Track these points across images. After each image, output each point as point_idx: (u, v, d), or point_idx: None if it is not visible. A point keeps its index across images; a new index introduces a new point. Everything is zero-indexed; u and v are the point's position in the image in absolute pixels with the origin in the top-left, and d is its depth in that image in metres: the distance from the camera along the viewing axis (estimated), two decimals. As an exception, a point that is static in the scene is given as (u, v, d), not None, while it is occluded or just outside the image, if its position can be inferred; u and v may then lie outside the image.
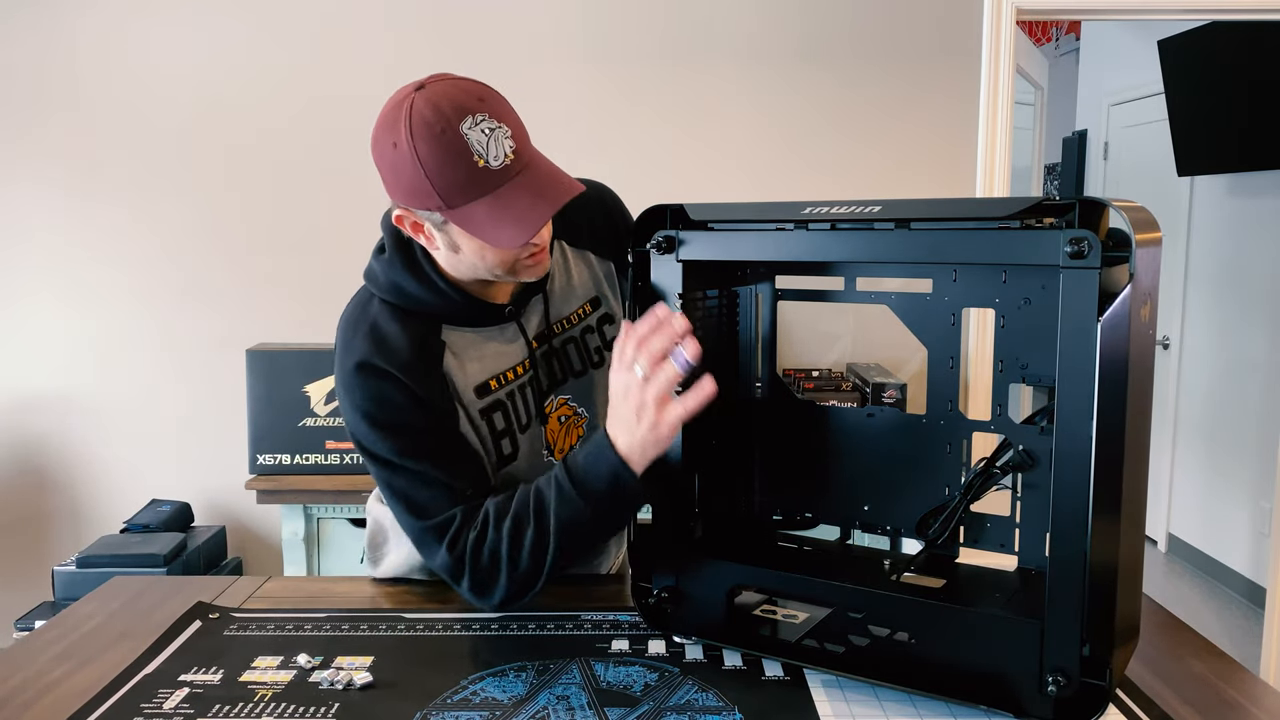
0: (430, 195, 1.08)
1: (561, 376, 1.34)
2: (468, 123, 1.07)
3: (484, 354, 1.26)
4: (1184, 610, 3.80)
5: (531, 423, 1.31)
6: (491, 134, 1.08)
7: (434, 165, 1.07)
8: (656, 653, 1.16)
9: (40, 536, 3.05)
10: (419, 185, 1.08)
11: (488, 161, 1.07)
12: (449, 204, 1.09)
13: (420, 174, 1.07)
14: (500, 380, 1.27)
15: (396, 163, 1.09)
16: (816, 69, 2.95)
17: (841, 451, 1.24)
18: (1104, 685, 0.94)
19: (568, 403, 1.35)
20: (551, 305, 1.33)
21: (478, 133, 1.07)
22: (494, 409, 1.26)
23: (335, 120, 2.93)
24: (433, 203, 1.09)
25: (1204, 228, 4.35)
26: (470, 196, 1.08)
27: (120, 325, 2.99)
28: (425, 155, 1.06)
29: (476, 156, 1.07)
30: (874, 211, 1.03)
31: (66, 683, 1.10)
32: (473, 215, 1.09)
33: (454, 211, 1.09)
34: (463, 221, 1.10)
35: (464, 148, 1.06)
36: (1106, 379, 0.91)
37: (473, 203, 1.08)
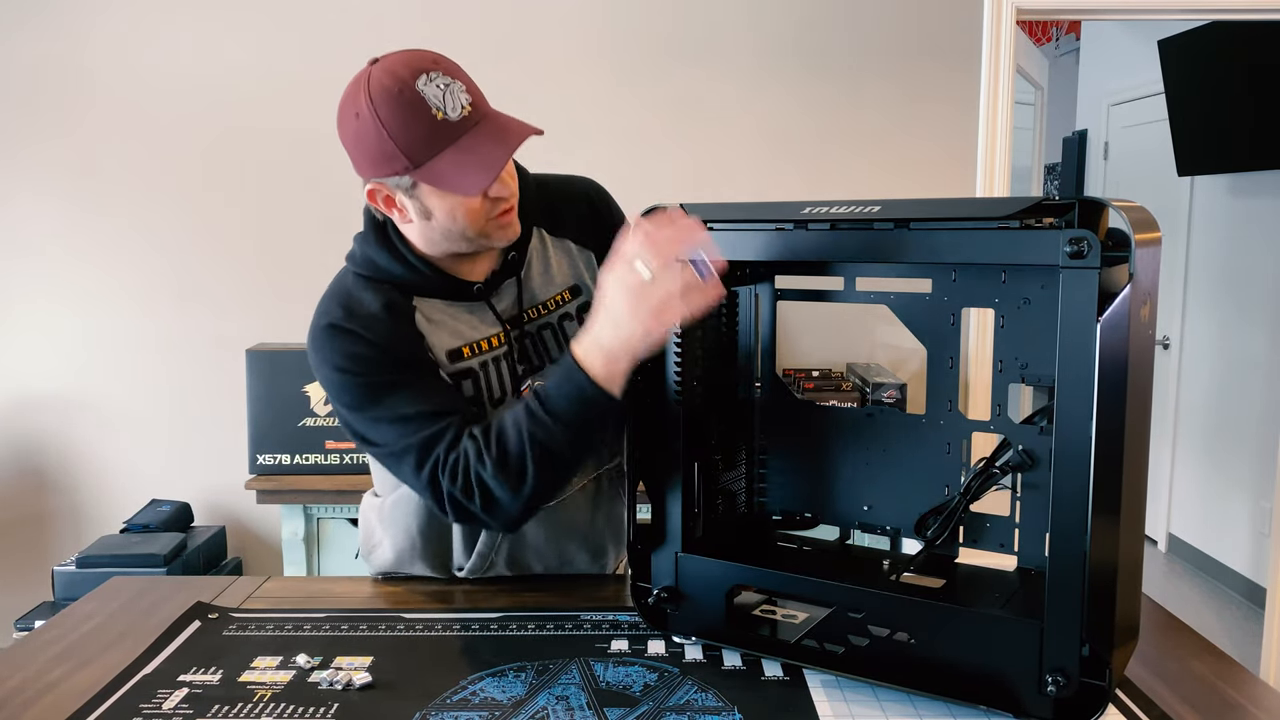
0: (396, 157, 1.13)
1: (539, 362, 1.35)
2: (422, 80, 1.12)
3: (457, 323, 1.28)
4: (1184, 610, 3.80)
5: (506, 399, 1.30)
6: (447, 88, 1.13)
7: (396, 125, 1.11)
8: (656, 653, 1.16)
9: (40, 536, 3.05)
10: (384, 149, 1.13)
11: (446, 114, 1.12)
12: (415, 162, 1.13)
13: (384, 136, 1.12)
14: (474, 349, 1.28)
15: (360, 132, 1.15)
16: (816, 69, 2.95)
17: (841, 451, 1.24)
18: (1104, 685, 0.94)
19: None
20: (525, 289, 1.34)
21: (433, 88, 1.12)
22: (465, 375, 1.28)
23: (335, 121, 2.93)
24: (399, 165, 1.14)
25: (1204, 228, 4.35)
26: (434, 150, 1.12)
27: (120, 325, 2.99)
28: (387, 117, 1.12)
29: (435, 110, 1.12)
30: (874, 211, 1.03)
31: (66, 683, 1.10)
32: (438, 169, 1.13)
33: (420, 170, 1.13)
34: (430, 178, 1.14)
35: (422, 103, 1.11)
36: (1106, 379, 0.91)
37: (437, 156, 1.13)
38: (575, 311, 1.38)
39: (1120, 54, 4.95)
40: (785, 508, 1.30)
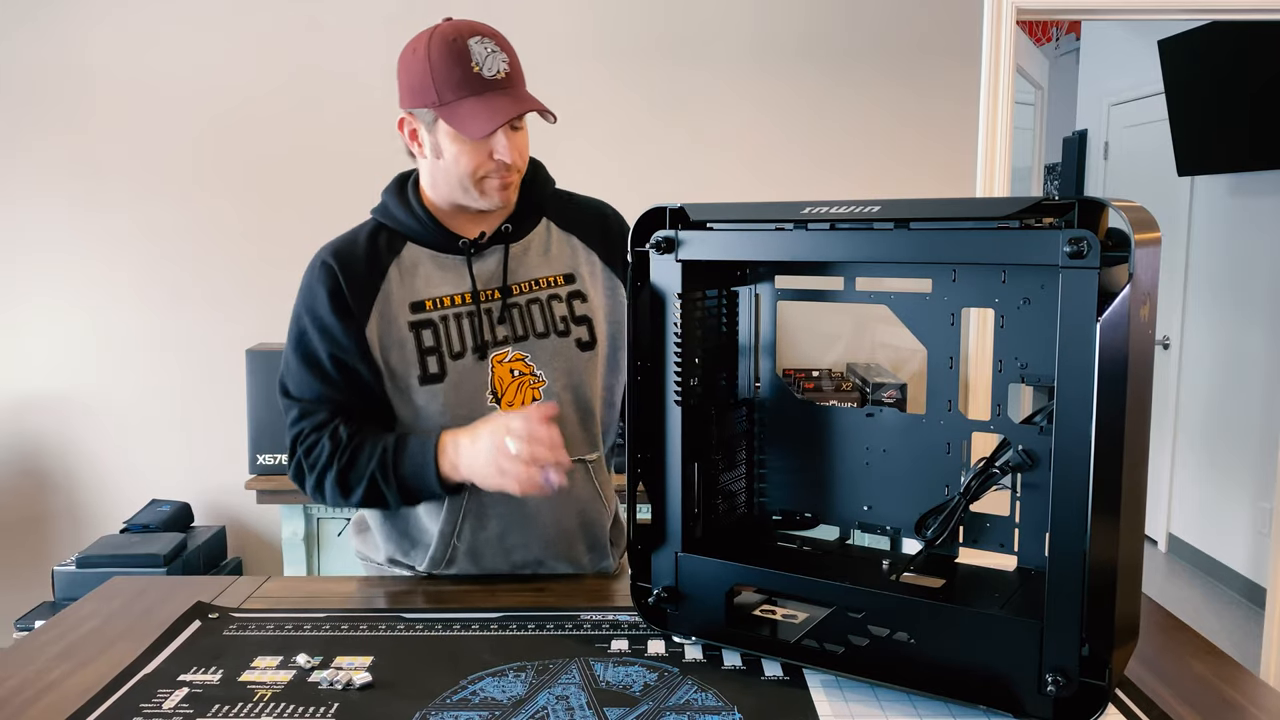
0: (428, 90, 1.31)
1: (522, 333, 1.42)
2: (475, 40, 1.31)
3: (431, 277, 1.41)
4: (1184, 610, 3.80)
5: (467, 354, 1.39)
6: (492, 53, 1.31)
7: (439, 63, 1.30)
8: (656, 653, 1.16)
9: (40, 536, 3.05)
10: (422, 81, 1.31)
11: (481, 70, 1.30)
12: (441, 99, 1.31)
13: (426, 71, 1.31)
14: (436, 303, 1.40)
15: (410, 64, 1.34)
16: (816, 69, 2.95)
17: (841, 451, 1.24)
18: (1103, 685, 0.94)
19: (525, 360, 1.42)
20: (512, 261, 1.44)
21: (481, 48, 1.31)
22: (424, 325, 1.39)
23: (336, 121, 2.93)
24: (430, 98, 1.31)
25: (1204, 228, 4.35)
26: (459, 94, 1.30)
27: (121, 325, 2.99)
28: (435, 56, 1.30)
29: (474, 64, 1.30)
30: (873, 211, 1.04)
31: (66, 683, 1.10)
32: (457, 110, 1.30)
33: (443, 108, 1.31)
34: (448, 116, 1.31)
35: (466, 54, 1.30)
36: (1106, 379, 0.91)
37: (460, 101, 1.30)
38: (565, 296, 1.46)
39: (1120, 54, 4.95)
40: (785, 508, 1.30)
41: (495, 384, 1.40)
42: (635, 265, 1.19)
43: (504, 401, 1.40)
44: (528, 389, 1.41)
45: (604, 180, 1.60)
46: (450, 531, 1.41)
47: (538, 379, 1.42)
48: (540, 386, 1.42)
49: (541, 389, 1.41)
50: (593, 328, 1.44)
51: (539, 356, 1.42)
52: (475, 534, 1.41)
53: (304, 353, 1.39)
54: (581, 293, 1.46)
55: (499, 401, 1.40)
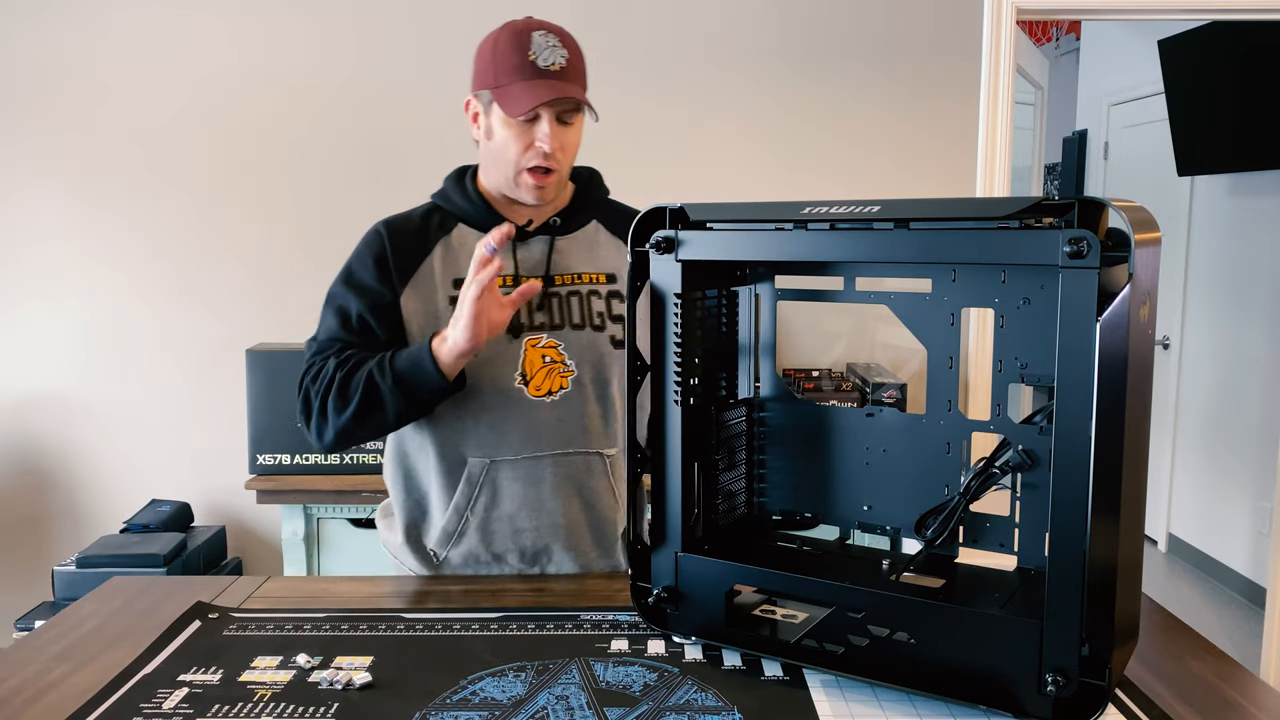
0: (489, 73, 1.41)
1: (558, 322, 1.47)
2: (539, 34, 1.40)
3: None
4: (1184, 610, 3.80)
5: (502, 333, 1.42)
6: (551, 47, 1.39)
7: (501, 49, 1.40)
8: (656, 653, 1.16)
9: (40, 536, 3.05)
10: (486, 65, 1.41)
11: (537, 59, 1.38)
12: (497, 82, 1.40)
13: (491, 55, 1.41)
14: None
15: (481, 51, 1.44)
16: (817, 69, 2.95)
17: (841, 451, 1.24)
18: (1103, 685, 0.94)
19: (558, 349, 1.46)
20: (556, 253, 1.49)
21: (542, 40, 1.39)
22: None
23: (337, 121, 2.93)
24: (489, 80, 1.41)
25: (1204, 228, 4.35)
26: (512, 79, 1.38)
27: (120, 325, 2.99)
28: (501, 43, 1.40)
29: (531, 53, 1.38)
30: (873, 211, 1.04)
31: (66, 683, 1.10)
32: (508, 91, 1.38)
33: (498, 90, 1.39)
34: (500, 96, 1.39)
35: (526, 44, 1.39)
36: (1106, 379, 0.91)
37: (513, 84, 1.38)
38: (605, 294, 1.51)
39: (1120, 54, 4.95)
40: (785, 508, 1.30)
41: (525, 366, 1.45)
42: (635, 265, 1.19)
43: (531, 385, 1.45)
44: (556, 375, 1.46)
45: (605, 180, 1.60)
46: (464, 505, 1.45)
47: (567, 368, 1.46)
48: (570, 376, 1.46)
49: (570, 378, 1.46)
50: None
51: (571, 347, 1.46)
52: (488, 511, 1.46)
53: (337, 305, 1.46)
54: (621, 293, 1.51)
55: (527, 383, 1.44)
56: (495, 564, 1.49)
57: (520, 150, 1.41)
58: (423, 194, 1.58)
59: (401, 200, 1.53)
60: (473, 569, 1.49)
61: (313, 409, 1.40)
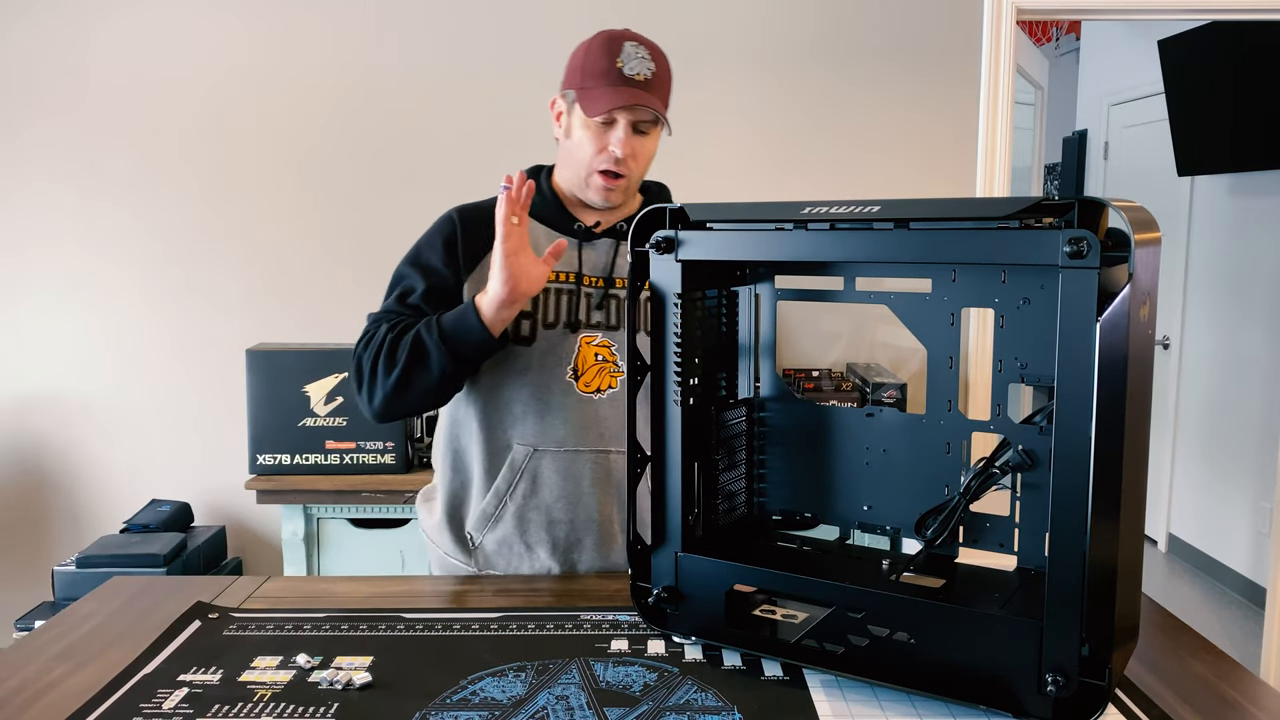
0: (576, 72, 1.47)
1: (614, 323, 1.52)
2: (630, 44, 1.46)
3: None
4: (1184, 610, 3.80)
5: (559, 326, 1.49)
6: (640, 59, 1.45)
7: (591, 53, 1.46)
8: (656, 653, 1.16)
9: (40, 536, 3.05)
10: (575, 66, 1.48)
11: (624, 68, 1.44)
12: (583, 84, 1.45)
13: (581, 57, 1.47)
14: None
15: (575, 52, 1.50)
16: (816, 69, 2.95)
17: (841, 451, 1.24)
18: (1103, 685, 0.94)
19: (610, 349, 1.50)
20: (620, 254, 1.53)
21: (632, 50, 1.45)
22: None
23: (338, 121, 2.93)
24: (575, 80, 1.47)
25: (1204, 228, 4.35)
26: (598, 82, 1.44)
27: (120, 325, 2.99)
28: (592, 46, 1.47)
29: (619, 61, 1.44)
30: (873, 211, 1.04)
31: (66, 683, 1.10)
32: (591, 93, 1.44)
33: (581, 90, 1.45)
34: (582, 97, 1.45)
35: (616, 52, 1.45)
36: (1106, 379, 0.91)
37: (597, 88, 1.44)
38: None
39: (1120, 54, 4.95)
40: (785, 508, 1.30)
41: (578, 361, 1.49)
42: (635, 265, 1.19)
43: (581, 381, 1.49)
44: (606, 374, 1.49)
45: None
46: (505, 489, 1.49)
47: (618, 368, 1.50)
48: (619, 376, 1.49)
49: (620, 379, 1.49)
50: None
51: (625, 348, 1.47)
52: (526, 499, 1.49)
53: (401, 283, 1.50)
54: None
55: (577, 378, 1.48)
56: (527, 554, 1.51)
57: (594, 151, 1.46)
58: (423, 195, 1.58)
59: (401, 200, 1.53)
60: (505, 557, 1.51)
61: (364, 373, 1.43)
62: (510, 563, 1.51)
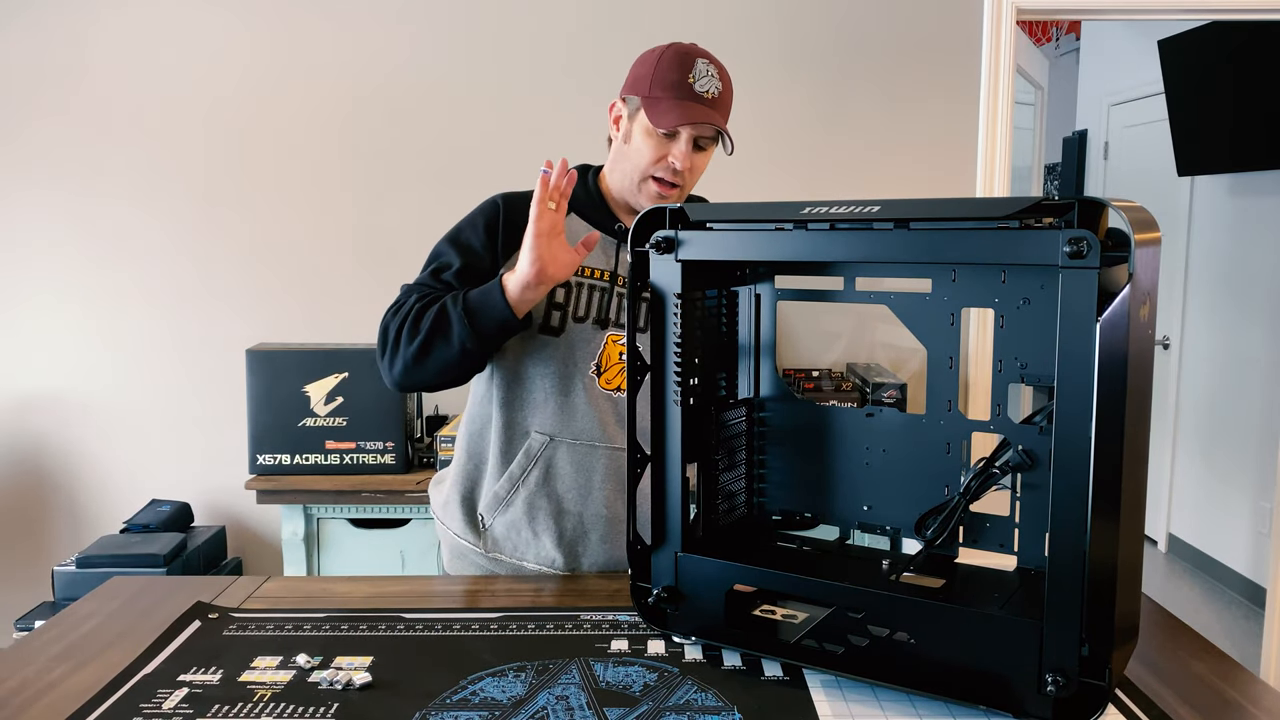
0: (645, 82, 1.49)
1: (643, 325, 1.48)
2: (703, 61, 1.48)
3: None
4: (1184, 610, 3.80)
5: (588, 321, 1.51)
6: (710, 77, 1.48)
7: (665, 64, 1.48)
8: (656, 653, 1.16)
9: (40, 536, 3.06)
10: (645, 74, 1.49)
11: (695, 83, 1.46)
12: (651, 93, 1.47)
13: (653, 67, 1.49)
14: (579, 272, 1.52)
15: (645, 60, 1.51)
16: (816, 69, 2.95)
17: (841, 451, 1.24)
18: (1103, 685, 0.94)
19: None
20: None
21: (704, 67, 1.48)
22: (561, 284, 1.49)
23: (338, 120, 2.93)
24: (643, 88, 1.48)
25: (1204, 228, 4.35)
26: (666, 94, 1.46)
27: (120, 325, 2.99)
28: (665, 58, 1.48)
29: (691, 77, 1.47)
30: (873, 211, 1.04)
31: (66, 683, 1.10)
32: (658, 104, 1.46)
33: (649, 99, 1.47)
34: (648, 106, 1.47)
35: (689, 66, 1.47)
36: (1105, 379, 0.91)
37: (664, 99, 1.46)
38: None
39: (1120, 54, 4.95)
40: (785, 508, 1.30)
41: (603, 358, 1.51)
42: (635, 265, 1.19)
43: (603, 377, 1.51)
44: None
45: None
46: (519, 474, 1.50)
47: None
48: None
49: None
50: None
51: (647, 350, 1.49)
52: (539, 486, 1.50)
53: (437, 259, 1.51)
54: None
55: (600, 374, 1.51)
56: (534, 541, 1.52)
57: (652, 160, 1.48)
58: (424, 195, 1.58)
59: (402, 200, 1.53)
60: (513, 541, 1.53)
61: (388, 340, 1.45)
62: (517, 548, 1.53)
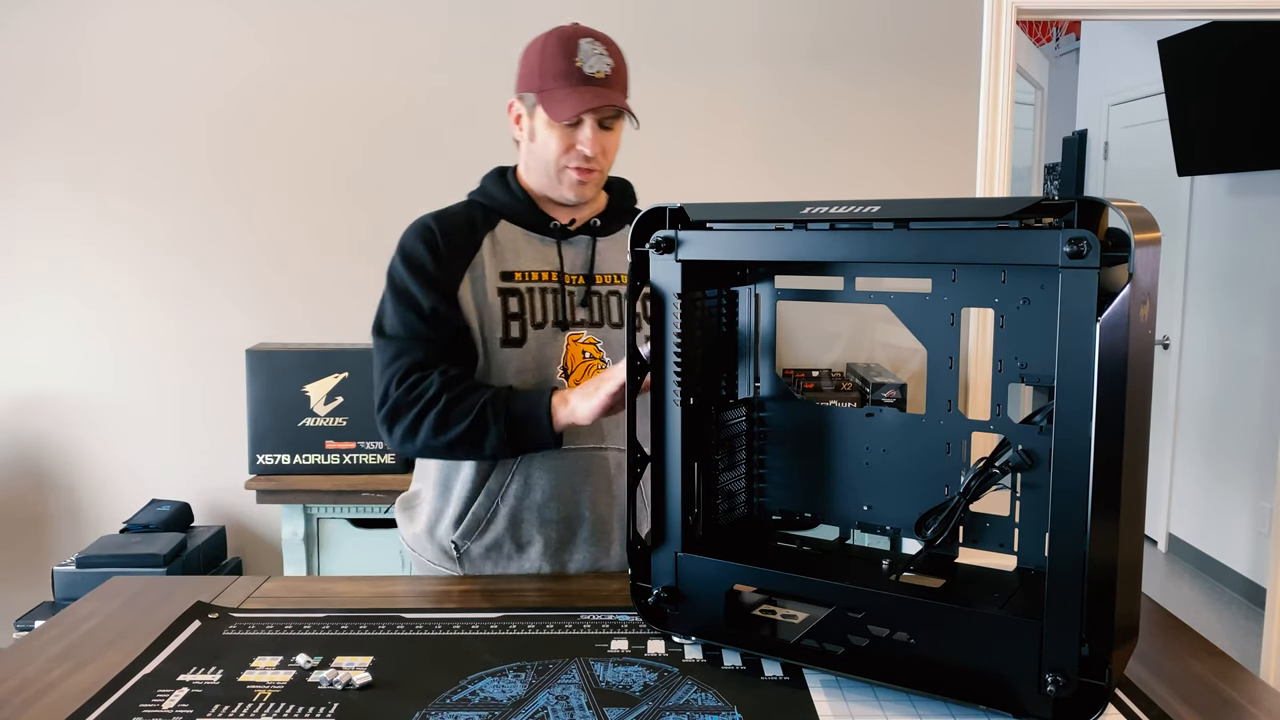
0: (534, 76, 1.44)
1: (598, 320, 1.52)
2: (586, 40, 1.43)
3: (521, 251, 1.51)
4: (1184, 610, 3.80)
5: (547, 326, 1.48)
6: (598, 55, 1.43)
7: (548, 52, 1.43)
8: (656, 653, 1.16)
9: (40, 536, 3.05)
10: (532, 68, 1.45)
11: (583, 66, 1.42)
12: (542, 86, 1.43)
13: (536, 57, 1.44)
14: (524, 275, 1.50)
15: (528, 54, 1.47)
16: (816, 69, 2.95)
17: (841, 451, 1.24)
18: (1103, 685, 0.94)
19: (597, 345, 1.51)
20: (598, 252, 1.53)
21: (589, 47, 1.43)
22: (511, 294, 1.48)
23: (341, 122, 2.93)
24: (534, 83, 1.44)
25: (1204, 228, 4.35)
26: (557, 83, 1.42)
27: (121, 325, 2.99)
28: (548, 48, 1.43)
29: (579, 60, 1.42)
30: (873, 211, 1.04)
31: (66, 683, 1.10)
32: (552, 95, 1.42)
33: (543, 94, 1.43)
34: (543, 99, 1.43)
35: (574, 51, 1.42)
36: (1105, 379, 0.91)
37: (557, 88, 1.41)
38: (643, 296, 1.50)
39: (1120, 54, 4.95)
40: (785, 508, 1.30)
41: (567, 360, 1.49)
42: (635, 265, 1.19)
43: (571, 379, 1.49)
44: (594, 371, 1.49)
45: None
46: (497, 490, 1.48)
47: (605, 364, 1.49)
48: None
49: None
50: None
51: (610, 345, 1.50)
52: (519, 499, 1.48)
53: (402, 295, 1.46)
54: None
55: (567, 377, 1.49)
56: (518, 555, 1.50)
57: (561, 151, 1.45)
58: (425, 194, 1.58)
59: (402, 200, 1.53)
60: (494, 561, 1.50)
61: (403, 420, 1.41)
62: (499, 565, 1.51)
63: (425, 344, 1.44)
